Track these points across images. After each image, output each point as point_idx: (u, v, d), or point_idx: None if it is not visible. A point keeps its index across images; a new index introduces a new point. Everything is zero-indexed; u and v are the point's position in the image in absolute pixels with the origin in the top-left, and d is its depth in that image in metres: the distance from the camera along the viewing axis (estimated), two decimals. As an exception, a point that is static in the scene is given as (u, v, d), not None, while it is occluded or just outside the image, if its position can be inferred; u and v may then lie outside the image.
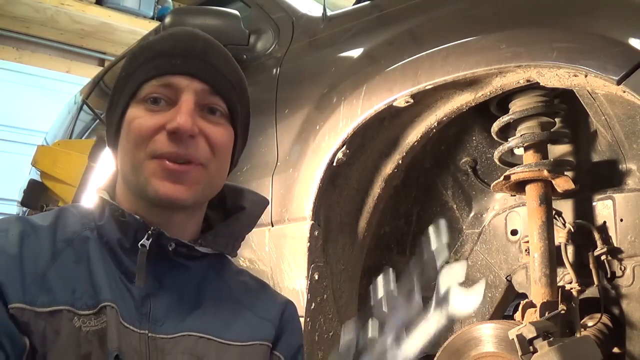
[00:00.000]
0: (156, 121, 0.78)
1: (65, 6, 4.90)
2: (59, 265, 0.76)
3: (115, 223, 0.80)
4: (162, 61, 0.80)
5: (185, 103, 0.79)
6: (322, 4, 1.69)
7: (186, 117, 0.77)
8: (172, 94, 0.80)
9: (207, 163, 0.81)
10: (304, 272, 1.39)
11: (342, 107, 1.37)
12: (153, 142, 0.78)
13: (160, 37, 0.85)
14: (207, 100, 0.81)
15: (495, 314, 1.58)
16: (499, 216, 1.57)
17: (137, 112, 0.80)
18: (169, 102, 0.80)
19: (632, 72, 0.94)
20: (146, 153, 0.78)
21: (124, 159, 0.81)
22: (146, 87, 0.80)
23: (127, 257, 0.80)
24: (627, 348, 1.32)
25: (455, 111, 1.31)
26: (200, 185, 0.81)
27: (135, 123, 0.79)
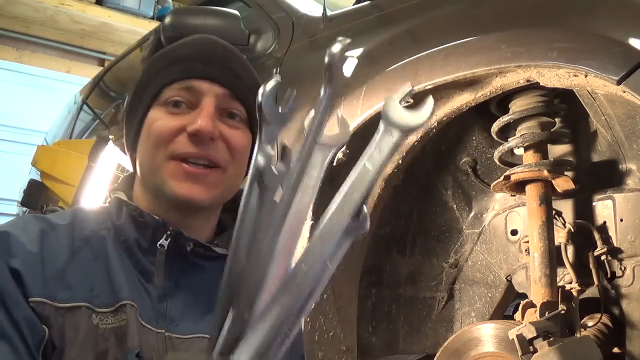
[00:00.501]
0: (177, 123, 0.80)
1: (65, 6, 4.91)
2: (78, 262, 0.77)
3: (133, 223, 0.81)
4: (184, 66, 0.83)
5: (206, 106, 0.81)
6: (322, 4, 1.69)
7: (207, 120, 0.79)
8: (193, 98, 0.82)
9: (226, 166, 0.82)
10: (304, 272, 1.39)
11: (342, 107, 1.37)
12: (173, 143, 0.80)
13: (181, 43, 0.88)
14: (227, 104, 0.83)
15: (495, 314, 1.58)
16: (499, 216, 1.57)
17: (158, 115, 0.82)
18: (189, 105, 0.82)
19: (632, 72, 0.94)
20: (166, 154, 0.80)
21: (144, 160, 0.83)
22: (167, 90, 0.82)
23: (144, 256, 0.81)
24: (627, 348, 1.32)
25: (455, 111, 1.31)
26: (219, 188, 0.82)
27: (156, 124, 0.81)
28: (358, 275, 1.53)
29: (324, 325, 1.42)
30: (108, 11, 5.15)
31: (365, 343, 1.63)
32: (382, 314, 1.67)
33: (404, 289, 1.68)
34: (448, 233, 1.66)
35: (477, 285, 1.62)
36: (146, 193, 0.84)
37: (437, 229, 1.67)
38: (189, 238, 0.81)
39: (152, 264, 0.80)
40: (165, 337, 0.78)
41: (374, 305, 1.66)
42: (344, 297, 1.48)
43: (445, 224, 1.66)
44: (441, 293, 1.67)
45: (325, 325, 1.42)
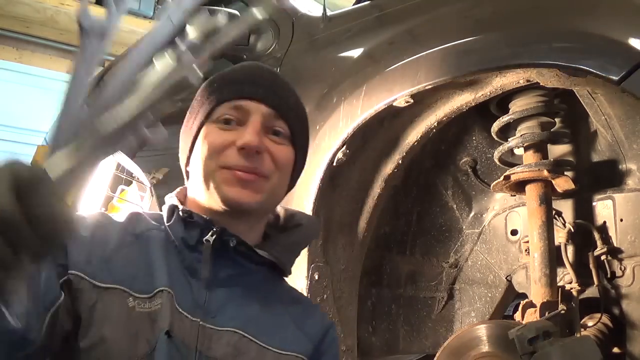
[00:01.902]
0: (227, 137, 0.89)
1: (65, 6, 4.90)
2: (124, 253, 0.85)
3: (182, 223, 0.89)
4: (235, 87, 0.92)
5: (253, 123, 0.90)
6: (322, 4, 1.69)
7: (254, 135, 0.88)
8: (242, 116, 0.90)
9: (271, 175, 0.90)
10: (304, 272, 1.39)
11: (342, 107, 1.37)
12: (224, 155, 0.88)
13: (232, 68, 0.98)
14: (272, 122, 0.91)
15: (495, 314, 1.58)
16: (499, 216, 1.57)
17: (211, 130, 0.90)
18: (239, 122, 0.90)
19: (632, 72, 0.94)
20: (217, 164, 0.88)
21: (197, 170, 0.90)
22: (219, 109, 0.91)
23: (191, 253, 0.88)
24: (627, 348, 1.32)
25: (455, 111, 1.31)
26: (264, 193, 0.90)
27: (209, 138, 0.90)
28: (358, 275, 1.53)
29: (324, 325, 1.42)
30: (108, 11, 5.14)
31: (365, 343, 1.63)
32: (382, 314, 1.67)
33: (404, 289, 1.68)
34: (448, 233, 1.66)
35: (477, 285, 1.62)
36: (197, 199, 0.92)
37: (437, 229, 1.67)
38: (232, 234, 0.88)
39: (198, 260, 0.87)
40: (199, 326, 0.84)
41: (374, 305, 1.66)
42: (344, 297, 1.48)
43: (445, 224, 1.66)
44: (441, 293, 1.67)
45: (325, 325, 1.42)
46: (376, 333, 1.67)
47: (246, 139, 0.87)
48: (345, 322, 1.47)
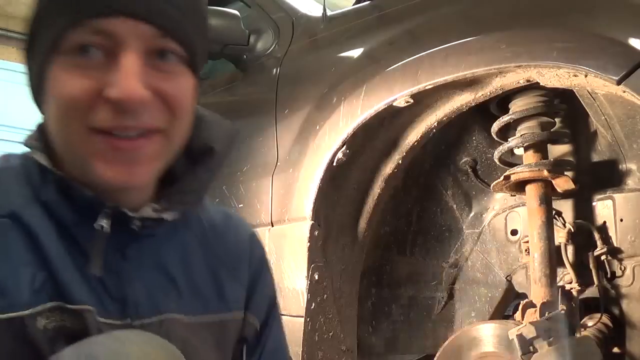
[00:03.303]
0: (91, 83, 0.59)
1: (65, 6, 4.90)
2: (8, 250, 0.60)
3: (63, 198, 0.64)
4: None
5: (129, 60, 0.59)
6: (322, 4, 1.69)
7: (133, 82, 0.58)
8: (109, 42, 0.59)
9: (167, 128, 0.63)
10: (304, 272, 1.39)
11: (342, 107, 1.37)
12: (92, 112, 0.59)
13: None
14: (156, 44, 0.61)
15: (495, 314, 1.58)
16: (499, 216, 1.57)
17: (63, 70, 0.59)
18: (105, 52, 0.59)
19: (632, 72, 0.94)
20: (84, 126, 0.59)
21: (55, 132, 0.62)
22: (71, 35, 0.59)
23: (82, 237, 0.64)
24: (627, 348, 1.32)
25: (455, 111, 1.31)
26: (160, 158, 0.65)
27: (63, 86, 0.59)
28: (358, 275, 1.53)
29: (324, 325, 1.42)
30: (108, 11, 5.15)
31: (365, 343, 1.63)
32: (382, 314, 1.67)
33: (404, 289, 1.68)
34: (448, 233, 1.66)
35: (477, 285, 1.62)
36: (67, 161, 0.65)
37: (437, 229, 1.67)
38: (134, 217, 0.65)
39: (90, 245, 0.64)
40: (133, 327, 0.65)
41: (374, 305, 1.66)
42: (344, 297, 1.48)
43: (445, 224, 1.66)
44: (441, 293, 1.67)
45: (325, 325, 1.42)
46: (376, 333, 1.67)
47: (122, 89, 0.57)
48: (345, 322, 1.47)
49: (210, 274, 0.75)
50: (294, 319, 1.44)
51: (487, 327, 1.25)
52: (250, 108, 1.78)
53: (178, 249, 0.73)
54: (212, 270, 0.75)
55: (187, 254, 0.73)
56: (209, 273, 0.75)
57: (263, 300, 0.82)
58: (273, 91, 1.65)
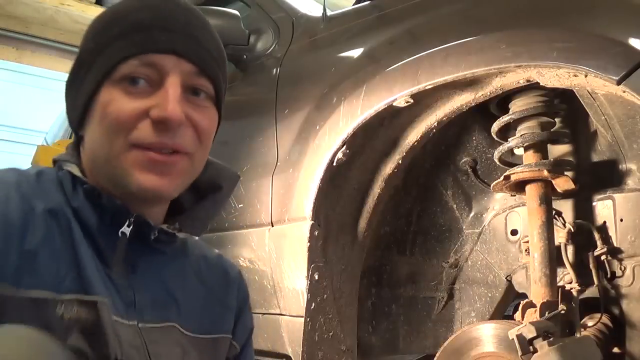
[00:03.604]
0: (138, 106, 0.70)
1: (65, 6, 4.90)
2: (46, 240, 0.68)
3: (92, 205, 0.73)
4: (142, 37, 0.72)
5: (172, 86, 0.71)
6: (322, 4, 1.69)
7: (175, 106, 0.70)
8: (155, 74, 0.72)
9: (194, 152, 0.75)
10: (304, 272, 1.39)
11: (342, 107, 1.37)
12: (136, 130, 0.70)
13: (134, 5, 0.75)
14: (193, 81, 0.75)
15: (495, 314, 1.58)
16: (499, 216, 1.57)
17: (114, 95, 0.71)
18: (150, 82, 0.72)
19: (632, 72, 0.94)
20: (126, 142, 0.71)
21: (97, 147, 0.73)
22: (124, 66, 0.71)
23: (103, 241, 0.73)
24: (627, 348, 1.32)
25: (455, 111, 1.31)
26: (186, 176, 0.76)
27: (113, 108, 0.70)
28: (358, 275, 1.53)
29: (324, 325, 1.42)
30: (108, 11, 5.14)
31: (365, 343, 1.63)
32: (382, 314, 1.67)
33: (404, 289, 1.68)
34: (448, 233, 1.66)
35: (477, 285, 1.62)
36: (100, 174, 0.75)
37: (437, 229, 1.67)
38: (153, 227, 0.75)
39: (110, 250, 0.73)
40: (139, 329, 0.73)
41: (374, 305, 1.66)
42: (344, 297, 1.48)
43: (445, 224, 1.66)
44: (441, 293, 1.67)
45: (325, 325, 1.42)
46: (376, 333, 1.67)
47: (167, 111, 0.69)
48: (345, 322, 1.47)
49: (202, 299, 0.85)
50: (294, 319, 1.44)
51: (487, 327, 1.25)
52: (250, 108, 1.78)
53: (179, 271, 0.83)
54: (203, 295, 0.86)
55: (185, 278, 0.84)
56: (202, 297, 0.86)
57: (245, 330, 0.94)
58: (273, 91, 1.65)
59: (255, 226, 1.57)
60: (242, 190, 1.63)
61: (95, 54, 0.73)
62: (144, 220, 0.75)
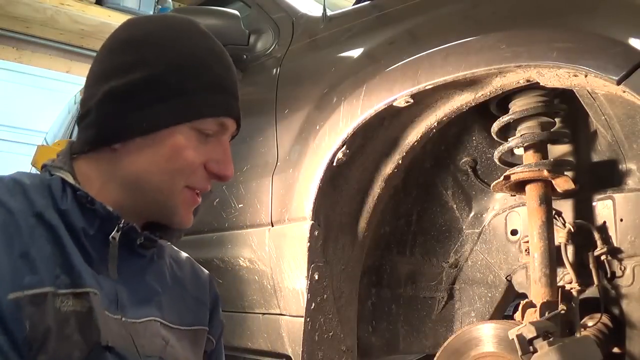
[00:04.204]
0: (202, 157, 0.82)
1: (65, 6, 4.90)
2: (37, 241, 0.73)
3: (80, 209, 0.78)
4: (226, 100, 0.83)
5: (227, 146, 0.85)
6: (322, 4, 1.69)
7: (232, 166, 0.85)
8: (219, 132, 0.84)
9: None
10: (304, 272, 1.39)
11: (342, 107, 1.37)
12: (194, 175, 0.82)
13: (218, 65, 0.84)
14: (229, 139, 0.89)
15: (495, 314, 1.58)
16: (499, 216, 1.57)
17: (189, 141, 0.81)
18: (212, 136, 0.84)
19: (632, 72, 0.94)
20: (184, 182, 0.82)
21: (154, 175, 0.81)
22: (208, 121, 0.82)
23: (89, 243, 0.78)
24: (627, 348, 1.32)
25: (455, 111, 1.31)
26: None
27: (188, 155, 0.81)
28: (358, 275, 1.53)
29: (324, 325, 1.42)
30: (108, 11, 5.14)
31: (365, 343, 1.63)
32: (382, 314, 1.67)
33: (404, 289, 1.68)
34: (448, 233, 1.66)
35: (477, 285, 1.62)
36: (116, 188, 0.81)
37: (437, 229, 1.67)
38: (140, 233, 0.83)
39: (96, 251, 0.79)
40: (123, 323, 0.79)
41: (374, 305, 1.66)
42: (344, 297, 1.48)
43: (445, 224, 1.66)
44: (441, 293, 1.67)
45: (325, 325, 1.42)
46: (376, 333, 1.67)
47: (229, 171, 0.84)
48: (345, 322, 1.47)
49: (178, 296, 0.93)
50: (294, 319, 1.44)
51: (487, 327, 1.25)
52: (250, 108, 1.78)
53: (157, 272, 0.90)
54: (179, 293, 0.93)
55: (163, 278, 0.91)
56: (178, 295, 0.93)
57: (218, 326, 1.01)
58: (273, 91, 1.65)
59: (255, 226, 1.57)
60: (242, 190, 1.63)
61: (178, 93, 0.80)
62: (132, 226, 0.81)
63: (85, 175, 0.81)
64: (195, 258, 1.04)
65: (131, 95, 0.79)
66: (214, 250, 1.70)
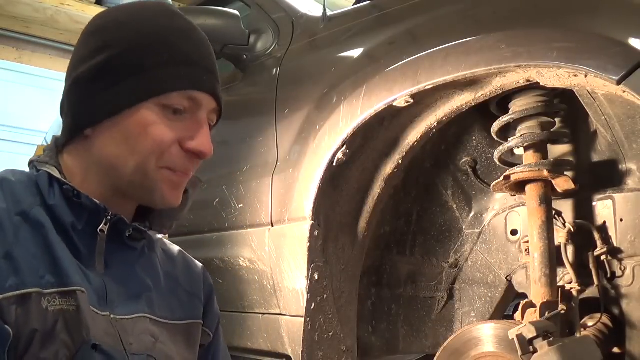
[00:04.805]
0: (175, 134, 0.79)
1: (65, 6, 4.90)
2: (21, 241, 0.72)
3: (68, 203, 0.77)
4: (192, 73, 0.80)
5: (203, 122, 0.82)
6: (322, 4, 1.69)
7: (210, 143, 0.81)
8: (192, 108, 0.81)
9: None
10: (304, 272, 1.39)
11: (342, 107, 1.37)
12: (168, 154, 0.79)
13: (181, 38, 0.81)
14: (210, 116, 0.85)
15: (495, 314, 1.58)
16: (499, 216, 1.57)
17: (156, 118, 0.78)
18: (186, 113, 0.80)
19: (632, 72, 0.94)
20: (159, 162, 0.79)
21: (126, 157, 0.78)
22: (171, 96, 0.78)
23: (78, 238, 0.77)
24: (627, 348, 1.32)
25: (455, 111, 1.31)
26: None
27: (156, 131, 0.78)
28: (358, 275, 1.53)
29: (324, 325, 1.42)
30: (108, 11, 5.14)
31: (365, 343, 1.63)
32: (382, 314, 1.67)
33: (404, 289, 1.68)
34: (448, 233, 1.66)
35: (477, 285, 1.62)
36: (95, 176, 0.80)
37: (437, 229, 1.67)
38: (128, 224, 0.82)
39: (85, 246, 0.78)
40: (111, 319, 0.78)
41: (374, 305, 1.66)
42: (344, 297, 1.48)
43: (445, 224, 1.66)
44: (441, 293, 1.67)
45: (325, 325, 1.42)
46: (376, 333, 1.67)
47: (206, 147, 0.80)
48: (345, 322, 1.47)
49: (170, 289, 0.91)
50: (294, 319, 1.44)
51: (487, 327, 1.25)
52: (250, 108, 1.78)
53: (148, 265, 0.88)
54: (171, 286, 0.92)
55: (154, 271, 0.89)
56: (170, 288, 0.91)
57: (214, 318, 1.00)
58: (273, 91, 1.65)
59: (255, 226, 1.58)
60: (242, 190, 1.63)
61: (139, 70, 0.77)
62: (120, 218, 0.81)
63: (69, 169, 0.81)
64: (195, 258, 1.04)
65: (94, 79, 0.78)
66: (214, 250, 1.70)
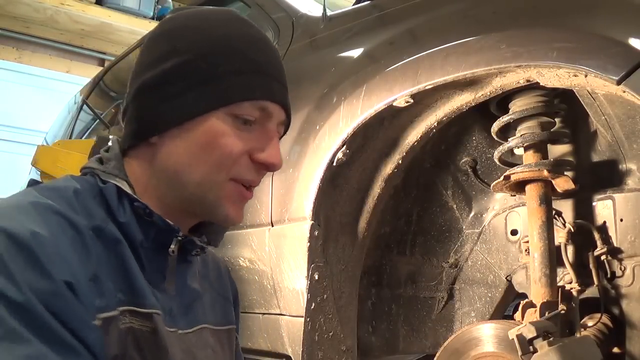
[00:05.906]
0: (245, 145, 0.76)
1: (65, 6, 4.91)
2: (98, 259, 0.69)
3: (138, 221, 0.74)
4: (263, 84, 0.77)
5: (274, 134, 0.79)
6: (322, 4, 1.69)
7: (280, 155, 0.79)
8: (262, 119, 0.78)
9: None
10: (304, 272, 1.39)
11: (342, 107, 1.37)
12: (237, 165, 0.76)
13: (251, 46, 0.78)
14: (279, 129, 0.83)
15: (495, 314, 1.58)
16: (499, 216, 1.57)
17: (226, 128, 0.75)
18: (256, 124, 0.78)
19: (632, 72, 0.94)
20: (227, 174, 0.76)
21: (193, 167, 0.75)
22: (243, 106, 0.76)
23: (145, 256, 0.75)
24: (627, 348, 1.32)
25: (455, 111, 1.31)
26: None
27: (226, 142, 0.75)
28: (358, 275, 1.53)
29: (324, 325, 1.42)
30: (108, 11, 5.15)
31: (365, 343, 1.63)
32: (382, 314, 1.67)
33: (404, 289, 1.68)
34: (448, 233, 1.66)
35: (477, 285, 1.62)
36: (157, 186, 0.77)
37: (437, 229, 1.67)
38: (198, 245, 0.81)
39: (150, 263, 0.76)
40: (180, 335, 0.77)
41: (374, 305, 1.66)
42: (344, 297, 1.48)
43: (445, 224, 1.66)
44: (441, 293, 1.67)
45: (325, 325, 1.42)
46: (376, 333, 1.67)
47: (277, 160, 0.77)
48: (345, 322, 1.47)
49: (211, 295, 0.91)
50: (294, 319, 1.44)
51: (487, 327, 1.25)
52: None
53: (194, 274, 0.87)
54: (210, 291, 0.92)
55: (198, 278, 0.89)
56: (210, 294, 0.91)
57: (238, 322, 1.01)
58: (273, 91, 1.65)
59: (255, 226, 1.58)
60: (242, 190, 1.63)
61: (210, 78, 0.75)
62: (190, 239, 0.80)
63: (132, 178, 0.77)
64: (195, 258, 1.04)
65: (163, 86, 0.75)
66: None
